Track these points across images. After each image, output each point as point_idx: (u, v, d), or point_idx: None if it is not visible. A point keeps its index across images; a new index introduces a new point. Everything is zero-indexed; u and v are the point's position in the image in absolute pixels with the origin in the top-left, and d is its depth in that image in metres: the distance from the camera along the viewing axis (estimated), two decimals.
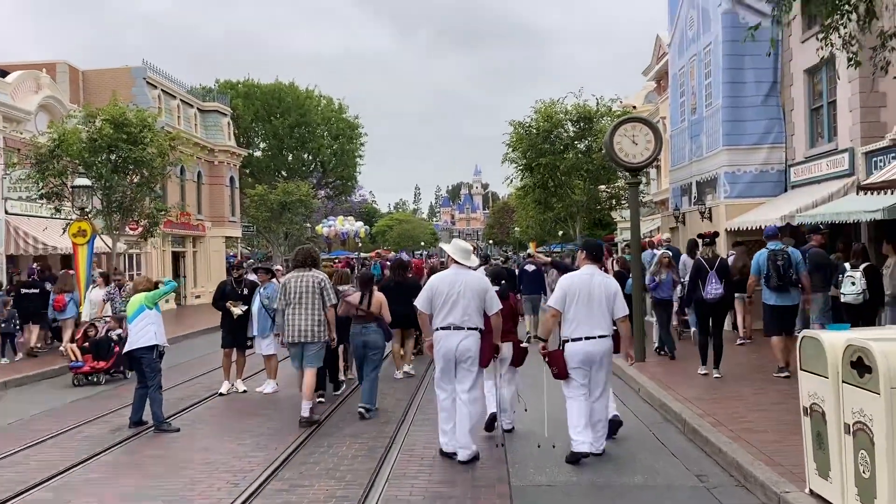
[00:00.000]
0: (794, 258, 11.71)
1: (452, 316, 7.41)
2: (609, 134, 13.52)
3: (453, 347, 7.42)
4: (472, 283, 7.51)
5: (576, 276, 7.37)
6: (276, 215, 38.90)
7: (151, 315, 9.87)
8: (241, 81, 52.76)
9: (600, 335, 7.21)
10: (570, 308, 7.20)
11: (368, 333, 10.04)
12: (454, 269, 7.65)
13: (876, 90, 14.77)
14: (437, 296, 7.49)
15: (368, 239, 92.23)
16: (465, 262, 7.68)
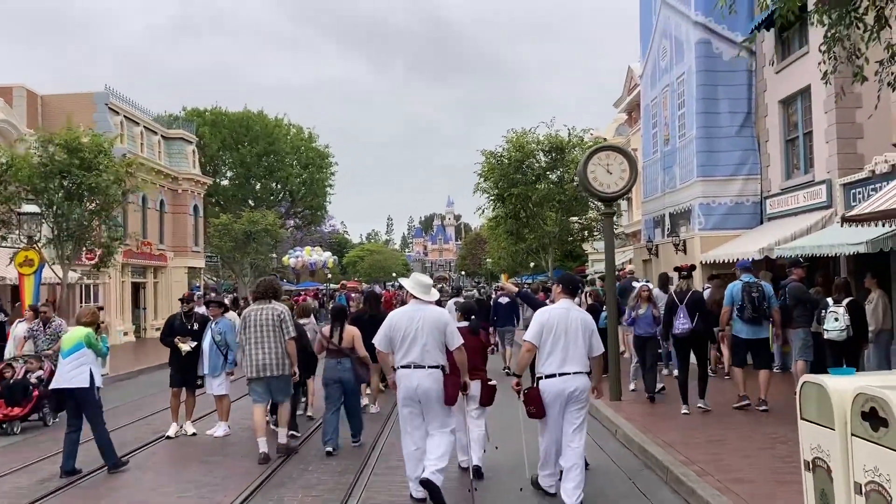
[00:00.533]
0: (767, 292, 11.60)
1: (412, 354, 7.10)
2: (583, 163, 12.96)
3: (414, 386, 7.09)
4: (432, 319, 7.17)
5: (553, 311, 7.07)
6: (240, 245, 37.95)
7: (90, 355, 9.11)
8: (209, 109, 52.00)
9: (576, 371, 6.88)
10: (546, 343, 6.91)
11: (343, 370, 9.63)
12: (413, 305, 7.35)
13: (853, 121, 14.47)
14: (396, 332, 7.18)
15: (339, 270, 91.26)
16: (424, 297, 7.37)
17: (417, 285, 7.45)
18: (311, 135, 54.70)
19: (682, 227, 19.25)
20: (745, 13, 18.15)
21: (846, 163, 14.41)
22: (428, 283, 7.60)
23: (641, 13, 23.19)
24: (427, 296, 7.41)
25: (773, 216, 17.23)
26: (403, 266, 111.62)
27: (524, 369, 7.18)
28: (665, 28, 20.77)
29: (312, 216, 57.13)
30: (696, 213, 18.12)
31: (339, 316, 10.04)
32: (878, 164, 12.61)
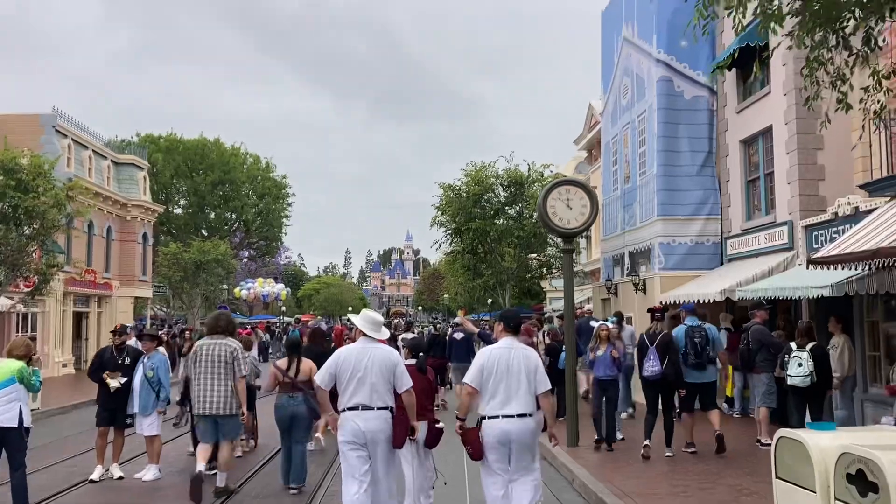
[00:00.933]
0: (711, 335, 11.52)
1: (360, 395, 6.82)
2: (542, 197, 12.52)
3: (361, 429, 6.79)
4: (381, 358, 6.92)
5: (493, 350, 6.71)
6: (190, 276, 36.80)
7: (21, 390, 8.35)
8: (164, 136, 50.96)
9: (519, 413, 6.52)
10: (488, 383, 6.57)
11: (296, 404, 9.37)
12: (362, 343, 7.05)
13: (814, 162, 14.33)
14: (343, 371, 6.88)
15: (294, 303, 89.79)
16: (374, 335, 7.07)
17: (367, 322, 7.10)
18: (269, 164, 53.94)
19: (641, 266, 18.94)
20: (706, 52, 18.11)
21: (808, 205, 14.22)
22: (378, 320, 7.24)
23: (603, 51, 23.14)
24: (377, 333, 7.09)
25: (733, 257, 17.00)
26: (360, 300, 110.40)
27: (467, 412, 6.75)
28: (627, 65, 20.67)
29: (267, 247, 56.07)
30: (657, 253, 17.82)
31: (294, 348, 9.80)
32: (842, 207, 12.40)
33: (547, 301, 41.32)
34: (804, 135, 14.32)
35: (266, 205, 51.82)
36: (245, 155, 53.05)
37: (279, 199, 53.30)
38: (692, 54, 18.13)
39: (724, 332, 16.05)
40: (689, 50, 18.12)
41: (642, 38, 19.35)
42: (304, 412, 9.40)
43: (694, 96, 18.11)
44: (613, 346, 11.66)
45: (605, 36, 23.11)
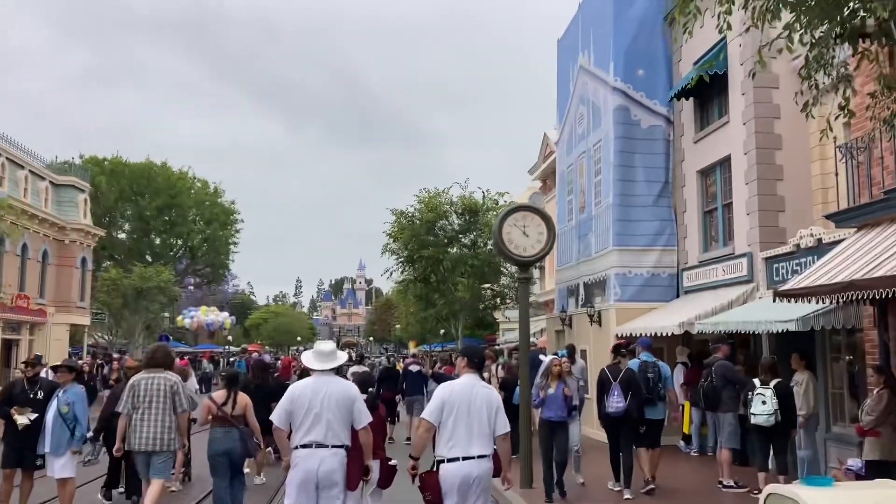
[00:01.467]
0: (663, 372, 11.41)
1: (314, 432, 6.49)
2: (498, 224, 11.90)
3: (314, 469, 6.41)
4: (337, 393, 6.60)
5: (456, 386, 6.31)
6: (130, 302, 35.30)
7: None
8: (109, 158, 49.41)
9: (479, 455, 6.17)
10: (448, 422, 6.17)
11: (231, 440, 8.97)
12: (317, 377, 6.74)
13: (774, 193, 14.03)
14: (298, 408, 6.56)
15: (241, 332, 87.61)
16: (324, 366, 6.76)
17: (316, 356, 6.82)
18: (217, 190, 52.66)
19: (597, 297, 18.46)
20: (663, 81, 17.87)
21: (768, 236, 13.89)
22: (328, 349, 6.91)
23: (559, 80, 22.86)
24: (328, 363, 6.78)
25: (690, 289, 16.61)
26: (309, 330, 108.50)
27: (422, 450, 6.29)
28: (583, 94, 20.37)
29: (214, 274, 54.51)
30: (612, 284, 17.36)
31: (232, 381, 9.45)
32: (804, 238, 12.05)
33: (500, 332, 40.75)
34: (764, 165, 14.04)
35: (213, 231, 50.43)
36: (193, 179, 51.72)
37: (227, 225, 51.95)
38: (649, 83, 17.88)
39: (681, 367, 15.63)
40: (646, 79, 17.88)
41: (599, 67, 19.07)
42: (238, 448, 8.98)
43: (651, 125, 17.82)
44: (565, 384, 10.79)
45: (560, 65, 22.85)
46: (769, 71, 14.21)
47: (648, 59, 17.94)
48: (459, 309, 25.04)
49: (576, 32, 21.15)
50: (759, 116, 14.12)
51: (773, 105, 14.15)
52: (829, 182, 13.53)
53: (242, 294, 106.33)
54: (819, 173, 13.70)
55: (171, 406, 8.45)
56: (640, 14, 18.05)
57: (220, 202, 52.30)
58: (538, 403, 10.99)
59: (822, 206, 13.63)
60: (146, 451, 8.37)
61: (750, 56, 14.30)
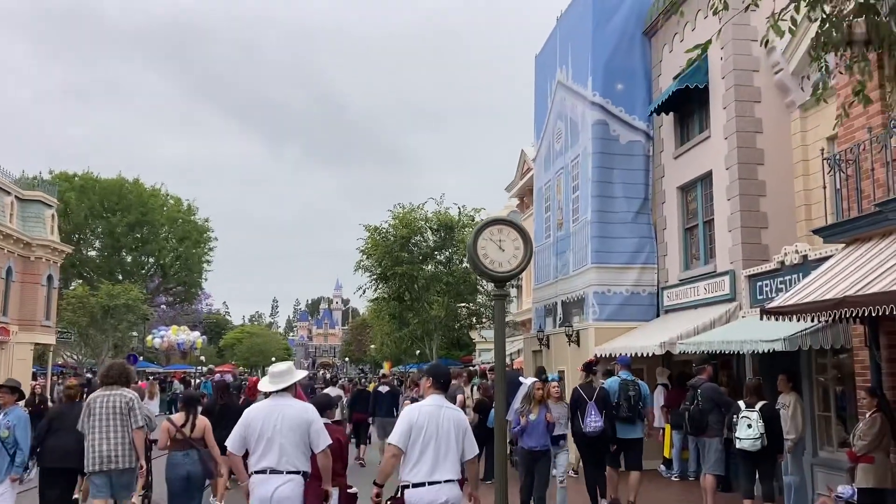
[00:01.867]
0: (643, 391, 11.42)
1: (268, 458, 6.26)
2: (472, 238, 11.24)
3: (268, 496, 6.18)
4: (291, 416, 6.36)
5: (423, 407, 6.05)
6: (97, 321, 34.28)
7: None
8: (79, 174, 48.44)
9: (447, 479, 5.90)
10: (416, 446, 5.90)
11: (190, 463, 8.85)
12: (272, 399, 6.53)
13: (757, 209, 13.66)
14: (251, 433, 6.33)
15: (215, 352, 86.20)
16: (276, 387, 6.52)
17: (270, 377, 6.61)
18: (191, 207, 51.78)
19: (575, 316, 17.98)
20: (643, 96, 17.55)
21: (750, 253, 13.50)
22: (282, 369, 6.72)
23: (536, 95, 22.52)
24: (280, 383, 6.55)
25: (670, 308, 16.18)
26: (284, 350, 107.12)
27: (388, 477, 5.96)
28: (560, 110, 20.02)
29: (186, 293, 53.46)
30: (591, 302, 16.89)
31: (191, 403, 9.44)
32: (789, 255, 11.65)
33: (476, 353, 40.17)
34: (746, 180, 13.68)
35: (186, 249, 49.47)
36: (166, 196, 50.85)
37: (200, 243, 51.03)
38: (628, 98, 17.55)
39: (661, 389, 15.19)
40: (624, 93, 17.55)
41: (577, 82, 18.73)
42: (198, 471, 8.89)
43: (630, 141, 17.47)
44: (548, 410, 10.17)
45: (538, 81, 22.52)
46: (750, 84, 13.94)
47: (627, 73, 17.62)
48: (434, 328, 24.40)
49: (553, 48, 20.84)
50: (741, 131, 13.78)
51: (755, 119, 13.82)
52: (813, 198, 13.20)
53: (217, 314, 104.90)
54: (802, 189, 13.36)
55: (129, 422, 8.37)
56: (619, 28, 17.75)
57: (194, 220, 51.42)
58: (518, 431, 10.32)
59: (805, 222, 13.29)
60: (104, 470, 8.22)
61: (731, 69, 14.01)
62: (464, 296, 24.05)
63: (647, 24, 17.50)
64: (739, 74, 13.90)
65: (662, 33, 16.96)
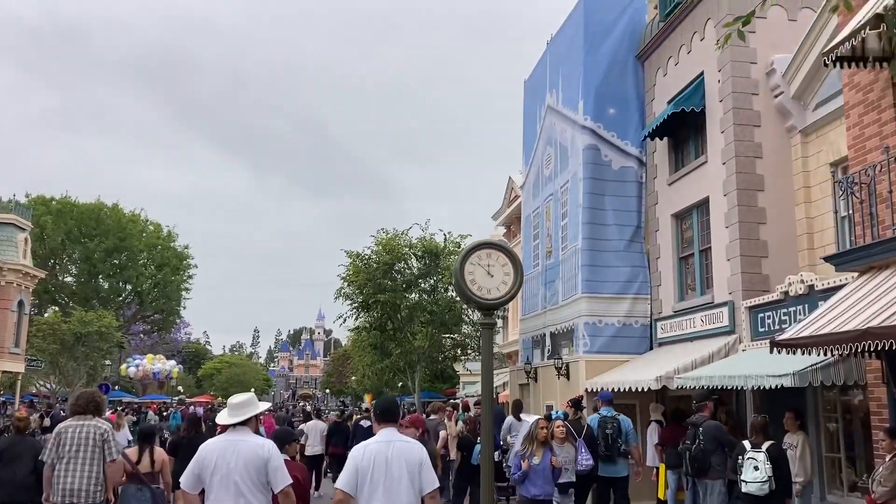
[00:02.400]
0: (625, 427, 11.30)
1: (224, 498, 5.80)
2: (459, 262, 10.51)
3: None
4: (247, 453, 5.87)
5: (370, 445, 5.73)
6: (68, 348, 33.10)
7: None
8: (57, 198, 47.42)
9: None
10: (364, 486, 5.58)
11: (144, 500, 8.67)
12: (229, 434, 6.05)
13: (757, 238, 13.04)
14: (205, 470, 5.84)
15: (194, 382, 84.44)
16: (234, 420, 6.01)
17: (229, 409, 6.15)
18: (171, 234, 50.80)
19: (564, 348, 17.25)
20: (635, 121, 17.02)
21: (750, 283, 12.85)
22: (241, 400, 6.22)
23: (525, 121, 22.00)
24: (238, 415, 6.05)
25: (664, 341, 15.48)
26: (264, 381, 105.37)
27: None
28: (550, 135, 19.47)
29: (164, 321, 52.21)
30: (581, 334, 16.16)
31: (146, 437, 9.17)
32: (794, 285, 11.01)
33: (460, 386, 39.27)
34: (745, 207, 13.07)
35: (164, 276, 48.37)
36: (145, 222, 49.85)
37: (179, 270, 49.95)
38: (620, 123, 17.02)
39: (655, 426, 14.45)
40: (617, 118, 17.02)
41: (567, 106, 18.19)
42: None
43: (622, 167, 16.89)
44: (553, 453, 9.15)
45: (527, 106, 22.02)
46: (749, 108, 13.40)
47: (620, 97, 17.10)
48: (417, 360, 23.48)
49: (543, 72, 20.35)
50: (740, 155, 13.21)
51: (754, 144, 13.26)
52: (815, 226, 12.62)
53: (197, 343, 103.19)
54: (804, 217, 12.77)
55: (101, 455, 8.03)
56: (611, 52, 17.27)
57: (173, 246, 50.41)
58: (520, 477, 9.27)
59: (808, 251, 12.68)
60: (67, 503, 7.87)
61: (730, 92, 13.48)
62: (448, 326, 23.19)
63: (640, 47, 17.02)
64: (738, 97, 13.37)
65: (656, 57, 16.48)
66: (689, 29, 15.00)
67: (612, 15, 17.38)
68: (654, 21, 16.63)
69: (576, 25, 17.94)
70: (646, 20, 17.23)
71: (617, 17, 17.36)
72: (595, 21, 17.29)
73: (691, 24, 14.91)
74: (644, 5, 17.39)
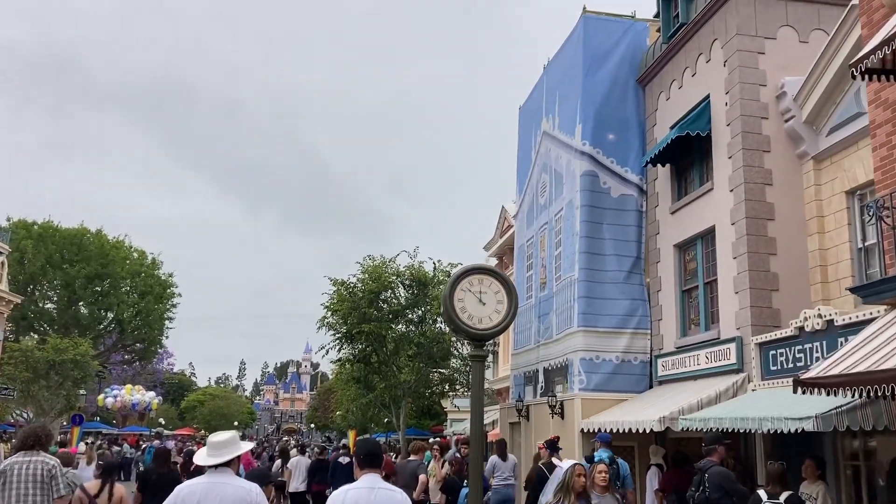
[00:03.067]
0: (623, 471, 11.08)
1: None
2: (449, 288, 9.55)
3: None
4: (233, 498, 5.52)
5: (350, 491, 5.24)
6: (40, 376, 31.81)
7: None
8: (39, 223, 46.34)
9: None
10: None
11: None
12: (209, 477, 5.67)
13: (767, 269, 12.21)
14: None
15: (176, 415, 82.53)
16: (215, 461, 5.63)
17: (209, 449, 5.75)
18: (155, 261, 49.66)
19: (558, 385, 16.31)
20: (636, 147, 16.28)
21: (760, 318, 11.99)
22: (223, 439, 5.81)
23: (520, 148, 21.29)
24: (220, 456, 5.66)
25: (665, 379, 14.57)
26: (249, 415, 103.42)
27: None
28: (545, 162, 18.72)
29: (145, 351, 50.84)
30: (577, 370, 15.24)
31: (108, 471, 8.99)
32: (810, 320, 10.16)
33: (447, 423, 38.07)
34: (754, 236, 12.26)
35: (147, 304, 47.13)
36: (129, 249, 48.74)
37: (163, 298, 48.73)
38: (620, 149, 16.28)
39: (655, 470, 13.49)
40: (616, 144, 16.29)
41: (564, 131, 17.47)
42: None
43: (621, 194, 16.12)
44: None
45: (522, 132, 21.33)
46: (759, 132, 12.69)
47: (619, 122, 16.39)
48: (402, 395, 22.39)
49: (539, 97, 19.68)
50: (749, 182, 12.43)
51: (764, 170, 12.49)
52: (829, 258, 11.81)
53: (182, 374, 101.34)
54: (818, 248, 11.97)
55: (49, 492, 7.82)
56: (612, 75, 16.59)
57: (157, 274, 49.25)
58: None
59: (821, 285, 11.86)
60: None
61: (738, 115, 12.75)
62: (436, 359, 22.13)
63: (641, 71, 16.36)
64: (747, 121, 12.64)
65: (658, 80, 15.79)
66: (693, 50, 14.33)
67: (613, 38, 16.74)
68: (657, 44, 15.99)
69: (574, 48, 17.29)
70: (647, 43, 16.59)
71: (617, 40, 16.72)
72: (594, 44, 16.64)
73: (696, 46, 14.25)
74: (645, 28, 16.78)
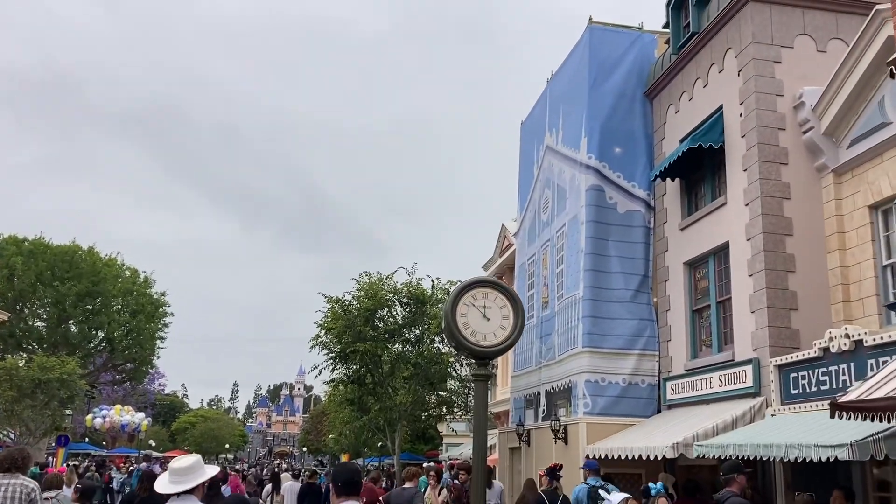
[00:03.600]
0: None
1: None
2: (451, 302, 8.89)
3: None
4: None
5: None
6: (26, 395, 30.89)
7: None
8: (31, 239, 45.54)
9: None
10: None
11: None
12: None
13: (785, 287, 11.58)
14: None
15: (167, 436, 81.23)
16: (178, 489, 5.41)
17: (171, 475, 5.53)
18: (147, 280, 48.82)
19: (561, 408, 15.60)
20: (643, 162, 15.72)
21: (778, 339, 11.34)
22: (186, 464, 5.59)
23: (521, 164, 20.72)
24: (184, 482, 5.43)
25: (674, 403, 13.89)
26: (240, 437, 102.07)
27: None
28: (548, 177, 18.14)
29: (135, 371, 49.84)
30: (582, 393, 14.54)
31: (87, 493, 9.13)
32: (836, 340, 9.52)
33: (443, 448, 37.22)
34: (772, 253, 11.64)
35: (138, 323, 46.21)
36: (121, 267, 47.90)
37: (154, 317, 47.82)
38: (627, 163, 15.71)
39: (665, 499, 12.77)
40: (623, 158, 15.72)
41: (568, 145, 16.90)
42: None
43: (628, 210, 15.52)
44: None
45: (523, 148, 20.78)
46: (776, 144, 12.11)
47: (626, 136, 15.83)
48: (398, 417, 21.61)
49: (542, 112, 19.14)
50: (766, 195, 11.84)
51: (781, 183, 11.90)
52: (851, 276, 11.19)
53: (173, 396, 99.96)
54: (839, 266, 11.35)
55: None
56: (618, 88, 16.04)
57: (149, 293, 48.38)
58: None
59: (843, 304, 11.22)
60: None
61: (754, 126, 12.18)
62: (433, 381, 21.35)
63: (648, 83, 15.83)
64: (763, 132, 12.07)
65: (667, 93, 15.26)
66: (705, 60, 13.80)
67: (619, 49, 16.22)
68: (665, 55, 15.47)
69: (579, 61, 16.77)
70: (655, 55, 16.07)
71: (624, 52, 16.20)
72: (601, 55, 16.12)
73: (708, 56, 13.72)
74: (653, 40, 16.27)
